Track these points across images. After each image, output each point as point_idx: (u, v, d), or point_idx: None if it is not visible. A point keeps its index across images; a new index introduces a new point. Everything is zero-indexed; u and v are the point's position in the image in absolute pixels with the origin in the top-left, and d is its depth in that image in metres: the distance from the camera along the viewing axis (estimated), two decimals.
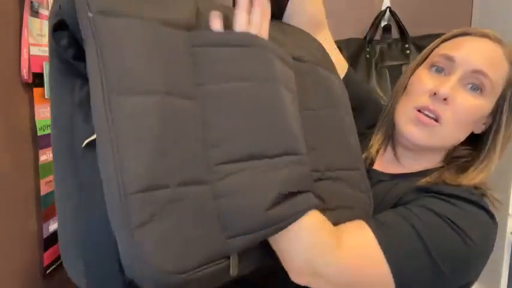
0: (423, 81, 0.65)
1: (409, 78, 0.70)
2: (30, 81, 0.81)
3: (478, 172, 0.64)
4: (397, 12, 1.38)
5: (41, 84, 0.83)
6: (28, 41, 0.79)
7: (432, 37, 1.47)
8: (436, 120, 0.63)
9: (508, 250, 1.10)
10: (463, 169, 0.65)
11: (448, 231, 0.54)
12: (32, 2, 0.80)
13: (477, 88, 0.63)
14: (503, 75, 0.64)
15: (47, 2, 0.85)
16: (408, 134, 0.65)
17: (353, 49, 1.35)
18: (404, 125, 0.66)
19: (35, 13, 0.81)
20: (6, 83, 0.76)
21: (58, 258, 0.92)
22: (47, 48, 0.85)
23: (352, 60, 1.33)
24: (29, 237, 0.83)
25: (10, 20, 0.77)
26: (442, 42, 0.70)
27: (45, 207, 0.86)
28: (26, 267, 0.82)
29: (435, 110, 0.62)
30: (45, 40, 0.85)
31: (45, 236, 0.86)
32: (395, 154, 0.73)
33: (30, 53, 0.80)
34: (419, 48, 1.35)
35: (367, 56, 1.34)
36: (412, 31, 1.38)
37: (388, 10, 1.38)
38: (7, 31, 0.76)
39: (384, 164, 0.75)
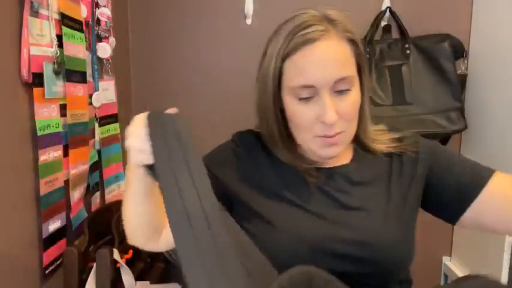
0: (302, 115, 0.66)
1: (271, 100, 0.68)
2: (30, 81, 0.81)
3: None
4: (397, 12, 1.38)
5: (41, 84, 0.83)
6: (28, 41, 0.79)
7: (432, 37, 1.48)
8: (339, 132, 0.66)
9: (508, 250, 1.10)
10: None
11: None
12: (32, 2, 0.80)
13: (346, 89, 0.65)
14: (352, 59, 0.67)
15: (47, 2, 0.85)
16: (327, 155, 0.68)
17: None
18: (319, 151, 0.68)
19: (35, 13, 0.81)
20: (6, 83, 0.76)
21: (57, 258, 0.92)
22: (47, 48, 0.86)
23: None
24: (28, 237, 0.83)
25: (10, 20, 0.77)
26: (287, 56, 0.65)
27: (44, 207, 0.86)
28: (25, 267, 0.83)
29: (335, 133, 0.66)
30: (45, 40, 0.85)
31: (44, 236, 0.86)
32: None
33: (30, 53, 0.80)
34: (419, 48, 1.35)
35: (367, 56, 1.34)
36: (412, 31, 1.38)
37: (388, 10, 1.38)
38: (7, 31, 0.76)
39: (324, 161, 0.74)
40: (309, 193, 0.69)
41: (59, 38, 0.89)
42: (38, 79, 0.83)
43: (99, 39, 1.14)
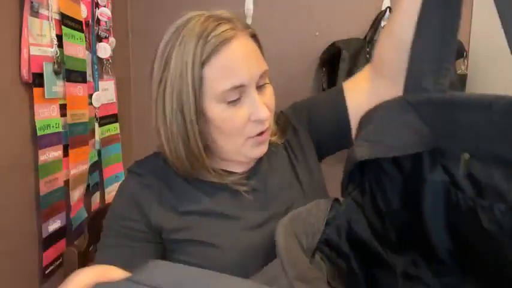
0: (233, 119, 0.62)
1: (193, 114, 0.61)
2: (30, 81, 0.81)
3: None
4: None
5: (41, 84, 0.83)
6: (28, 41, 0.79)
7: None
8: (268, 127, 0.66)
9: None
10: None
11: None
12: (32, 2, 0.80)
13: (266, 83, 0.66)
14: (262, 55, 0.66)
15: (47, 2, 0.85)
16: (258, 154, 0.67)
17: (353, 49, 1.35)
18: (250, 153, 0.66)
19: (35, 13, 0.81)
20: (6, 83, 0.76)
21: (57, 258, 0.92)
22: (47, 48, 0.86)
23: (352, 60, 1.33)
24: (28, 237, 0.83)
25: (10, 20, 0.77)
26: (207, 61, 0.60)
27: (44, 207, 0.86)
28: (25, 267, 0.83)
29: (267, 128, 0.65)
30: (45, 40, 0.85)
31: (44, 236, 0.86)
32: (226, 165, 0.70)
33: (30, 53, 0.80)
34: None
35: (367, 56, 1.34)
36: None
37: (388, 10, 1.38)
38: (7, 31, 0.76)
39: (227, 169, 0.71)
40: (245, 202, 0.67)
41: (59, 38, 0.89)
42: (38, 79, 0.83)
43: (99, 39, 1.14)
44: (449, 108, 0.54)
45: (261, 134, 0.65)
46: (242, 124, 0.63)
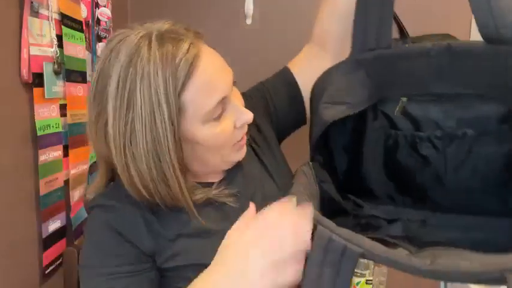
0: (222, 132, 0.60)
1: (172, 144, 0.56)
2: (30, 81, 0.81)
3: None
4: (397, 12, 1.38)
5: (41, 84, 0.83)
6: (28, 41, 0.79)
7: (432, 37, 1.48)
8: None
9: None
10: None
11: None
12: (32, 2, 0.80)
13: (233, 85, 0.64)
14: None
15: (47, 2, 0.85)
16: (241, 157, 0.67)
17: None
18: (233, 157, 0.66)
19: (35, 13, 0.81)
20: (6, 83, 0.76)
21: (57, 258, 0.92)
22: (47, 48, 0.86)
23: None
24: (28, 237, 0.83)
25: (10, 20, 0.77)
26: (184, 87, 0.55)
27: (44, 207, 0.86)
28: (25, 267, 0.83)
29: (246, 128, 0.65)
30: (45, 40, 0.85)
31: (44, 236, 0.86)
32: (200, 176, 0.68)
33: (30, 53, 0.80)
34: None
35: None
36: (412, 31, 1.38)
37: None
38: (7, 31, 0.76)
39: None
40: (230, 211, 0.65)
41: (59, 38, 0.89)
42: (38, 79, 0.83)
43: (99, 39, 1.14)
44: (391, 60, 0.63)
45: (241, 138, 0.65)
46: (230, 133, 0.62)
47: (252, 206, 0.52)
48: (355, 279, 1.20)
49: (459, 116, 0.63)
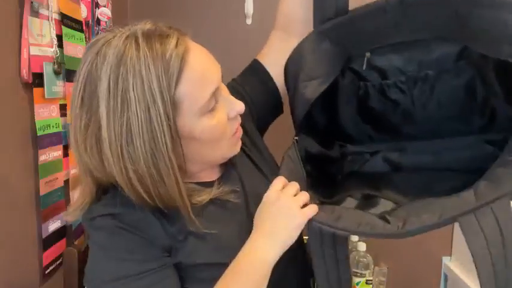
0: (217, 124, 0.60)
1: (169, 143, 0.55)
2: (30, 81, 0.81)
3: None
4: None
5: (41, 84, 0.83)
6: (28, 41, 0.79)
7: None
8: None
9: None
10: None
11: None
12: (32, 2, 0.80)
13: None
14: None
15: (47, 2, 0.85)
16: (237, 150, 0.67)
17: None
18: (232, 151, 0.66)
19: (35, 13, 0.81)
20: (6, 83, 0.76)
21: (57, 258, 0.92)
22: (47, 48, 0.86)
23: None
24: (28, 237, 0.83)
25: (10, 20, 0.77)
26: (178, 81, 0.55)
27: (44, 207, 0.86)
28: (25, 267, 0.83)
29: (239, 119, 0.66)
30: (45, 40, 0.85)
31: (44, 236, 0.86)
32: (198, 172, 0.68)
33: (30, 53, 0.80)
34: None
35: None
36: None
37: None
38: (7, 31, 0.76)
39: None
40: (232, 208, 0.67)
41: (59, 38, 0.89)
42: (38, 79, 0.83)
43: None
44: (350, 24, 0.70)
45: (236, 130, 0.65)
46: (225, 126, 0.62)
47: (279, 178, 0.63)
48: (355, 279, 1.20)
49: (419, 60, 0.72)
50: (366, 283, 1.20)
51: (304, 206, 0.60)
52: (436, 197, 0.58)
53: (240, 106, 0.62)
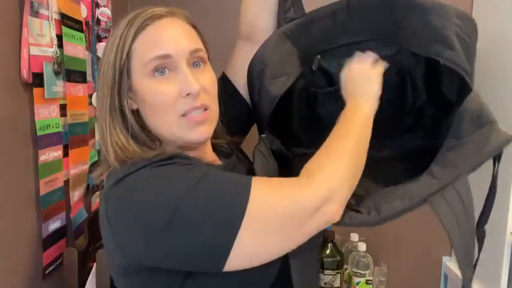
0: (162, 91, 0.62)
1: (119, 99, 0.63)
2: (30, 81, 0.81)
3: None
4: None
5: (41, 84, 0.83)
6: (28, 41, 0.79)
7: None
8: (205, 108, 0.64)
9: (508, 250, 1.10)
10: None
11: None
12: (32, 2, 0.80)
13: (200, 62, 0.66)
14: (197, 38, 0.68)
15: (47, 2, 0.85)
16: (197, 137, 0.64)
17: None
18: (186, 135, 0.64)
19: (35, 13, 0.81)
20: (6, 83, 0.76)
21: (57, 258, 0.92)
22: (47, 48, 0.86)
23: None
24: (28, 237, 0.83)
25: (10, 20, 0.77)
26: (129, 50, 0.62)
27: (44, 207, 0.86)
28: (25, 267, 0.83)
29: (201, 104, 0.63)
30: (45, 40, 0.85)
31: (44, 236, 0.86)
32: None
33: (30, 53, 0.80)
34: None
35: None
36: None
37: None
38: (7, 31, 0.76)
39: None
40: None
41: (59, 38, 0.89)
42: (38, 79, 0.83)
43: (99, 39, 1.14)
44: (305, 26, 0.75)
45: (197, 107, 0.63)
46: (172, 98, 0.62)
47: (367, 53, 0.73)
48: (355, 279, 1.20)
49: None
50: (366, 283, 1.20)
51: None
52: (381, 185, 0.69)
53: (193, 87, 0.61)
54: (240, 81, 0.80)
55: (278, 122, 0.82)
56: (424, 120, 0.84)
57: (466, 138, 0.61)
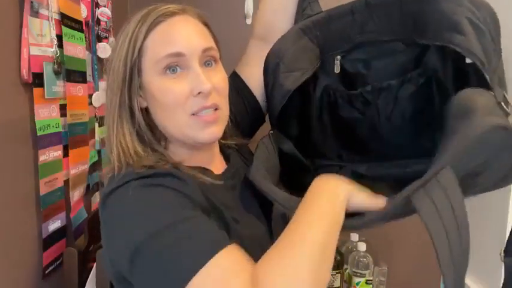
0: (173, 90, 0.61)
1: (129, 97, 0.63)
2: (30, 81, 0.81)
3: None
4: None
5: (41, 84, 0.83)
6: (28, 41, 0.79)
7: None
8: (216, 108, 0.63)
9: None
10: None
11: None
12: (32, 2, 0.80)
13: (212, 61, 0.65)
14: (209, 37, 0.67)
15: (47, 2, 0.85)
16: (207, 137, 0.63)
17: None
18: (196, 134, 0.62)
19: (35, 13, 0.81)
20: (6, 83, 0.76)
21: (57, 258, 0.92)
22: (47, 48, 0.86)
23: None
24: (28, 237, 0.83)
25: (10, 20, 0.77)
26: (140, 47, 0.62)
27: (44, 207, 0.86)
28: (25, 267, 0.83)
29: (212, 104, 0.62)
30: (45, 40, 0.85)
31: (44, 236, 0.86)
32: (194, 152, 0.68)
33: (30, 53, 0.80)
34: None
35: None
36: None
37: None
38: (7, 31, 0.76)
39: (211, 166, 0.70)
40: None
41: (59, 38, 0.89)
42: (38, 79, 0.83)
43: (99, 39, 1.14)
44: (325, 23, 0.74)
45: (209, 106, 0.62)
46: (183, 97, 0.61)
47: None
48: (355, 279, 1.20)
49: (384, 69, 0.73)
50: (366, 283, 1.20)
51: None
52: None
53: (205, 86, 0.60)
54: (252, 80, 0.80)
55: (300, 131, 0.80)
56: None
57: (454, 135, 0.54)
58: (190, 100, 0.61)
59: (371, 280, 1.21)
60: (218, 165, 0.72)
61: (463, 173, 0.49)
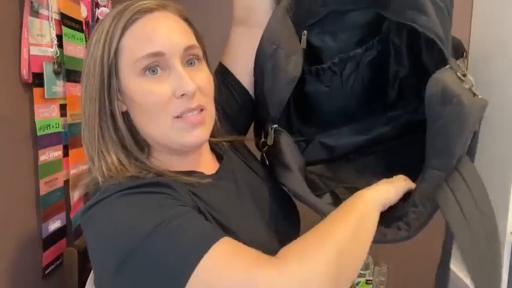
0: (154, 92, 0.57)
1: (109, 100, 0.58)
2: (30, 81, 0.81)
3: None
4: None
5: (41, 84, 0.83)
6: (28, 41, 0.79)
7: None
8: (202, 109, 0.60)
9: (508, 250, 1.10)
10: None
11: None
12: (32, 2, 0.80)
13: (195, 60, 0.61)
14: (191, 34, 0.63)
15: (47, 2, 0.85)
16: (193, 140, 0.60)
17: None
18: (181, 138, 0.59)
19: (35, 13, 0.81)
20: (6, 83, 0.76)
21: (57, 258, 0.92)
22: (47, 48, 0.86)
23: None
24: (28, 237, 0.83)
25: (10, 20, 0.77)
26: (116, 47, 0.58)
27: (44, 207, 0.86)
28: (25, 267, 0.83)
29: (197, 105, 0.59)
30: (45, 40, 0.85)
31: (44, 236, 0.86)
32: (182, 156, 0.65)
33: (30, 53, 0.80)
34: None
35: None
36: None
37: None
38: (7, 31, 0.76)
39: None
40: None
41: (59, 38, 0.89)
42: (38, 79, 0.83)
43: None
44: (296, 1, 0.73)
45: (193, 108, 0.59)
46: (165, 98, 0.57)
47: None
48: (355, 279, 1.20)
49: (348, 39, 0.79)
50: (366, 283, 1.20)
51: None
52: (389, 174, 0.66)
53: (188, 87, 0.56)
54: (239, 69, 0.76)
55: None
56: (406, 93, 0.82)
57: (442, 120, 0.59)
58: (173, 102, 0.57)
59: (371, 280, 1.21)
60: (209, 166, 0.68)
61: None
